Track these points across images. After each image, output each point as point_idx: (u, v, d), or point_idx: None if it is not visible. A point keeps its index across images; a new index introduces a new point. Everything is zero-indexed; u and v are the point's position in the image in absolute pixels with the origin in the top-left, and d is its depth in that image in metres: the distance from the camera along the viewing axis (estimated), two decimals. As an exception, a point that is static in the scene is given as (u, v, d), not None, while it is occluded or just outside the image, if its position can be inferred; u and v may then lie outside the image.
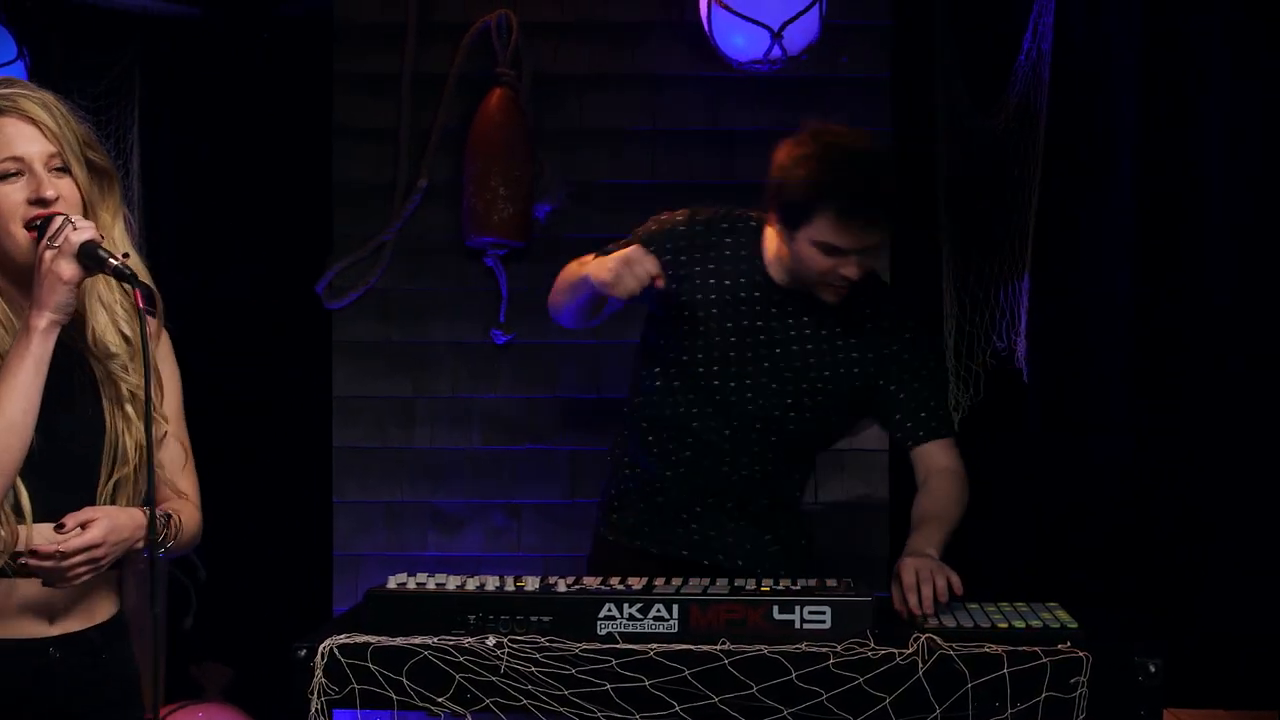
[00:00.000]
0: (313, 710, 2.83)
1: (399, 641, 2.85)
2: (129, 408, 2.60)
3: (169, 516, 2.64)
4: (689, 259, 3.47)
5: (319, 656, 2.84)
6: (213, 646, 4.80)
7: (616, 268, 3.26)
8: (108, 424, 2.59)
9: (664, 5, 4.54)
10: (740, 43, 4.17)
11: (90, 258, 2.46)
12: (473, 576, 3.04)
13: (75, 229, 2.46)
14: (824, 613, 2.86)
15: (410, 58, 4.54)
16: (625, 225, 4.47)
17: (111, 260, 2.47)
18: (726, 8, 4.12)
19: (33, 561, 2.46)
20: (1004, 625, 2.87)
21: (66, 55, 4.84)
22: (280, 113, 4.93)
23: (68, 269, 2.44)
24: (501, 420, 4.56)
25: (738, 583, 3.04)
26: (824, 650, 2.79)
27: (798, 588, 2.97)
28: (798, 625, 2.86)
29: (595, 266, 3.37)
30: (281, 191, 4.90)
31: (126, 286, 2.56)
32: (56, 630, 2.57)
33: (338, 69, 4.59)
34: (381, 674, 2.83)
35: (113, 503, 2.59)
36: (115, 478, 2.59)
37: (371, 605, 2.95)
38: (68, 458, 2.54)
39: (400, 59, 4.54)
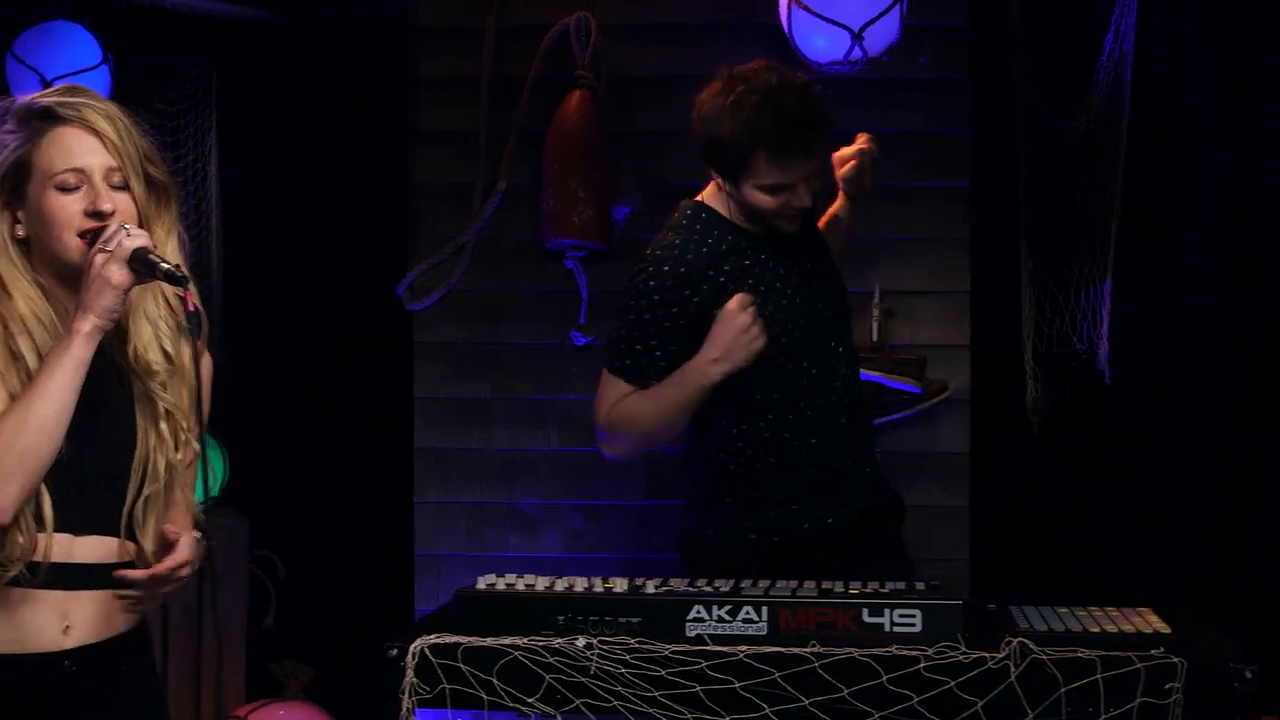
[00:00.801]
0: (404, 710, 2.85)
1: (489, 642, 2.86)
2: (163, 425, 2.57)
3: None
4: (702, 296, 3.43)
5: (410, 656, 2.85)
6: (294, 645, 4.84)
7: (744, 345, 3.33)
8: (139, 439, 2.56)
9: (741, 7, 4.54)
10: (820, 44, 4.16)
11: (142, 263, 2.44)
12: (561, 578, 3.05)
13: (129, 235, 2.45)
14: (914, 616, 2.85)
15: (489, 60, 4.55)
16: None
17: (164, 265, 2.45)
18: (807, 9, 4.11)
19: (131, 573, 2.46)
20: (1096, 630, 2.83)
21: (145, 60, 4.89)
22: (359, 115, 4.97)
23: (118, 274, 2.43)
24: (580, 421, 4.54)
25: (825, 585, 3.03)
26: (915, 653, 2.78)
27: (886, 590, 2.96)
28: (888, 628, 2.85)
29: (701, 373, 3.36)
30: (362, 194, 4.94)
31: (174, 300, 2.55)
32: (71, 642, 2.52)
33: (417, 72, 4.62)
34: (472, 674, 2.84)
35: (143, 520, 2.56)
36: (145, 494, 2.56)
37: (461, 605, 2.96)
38: (95, 469, 2.52)
39: (479, 62, 4.56)
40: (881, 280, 4.46)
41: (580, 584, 2.99)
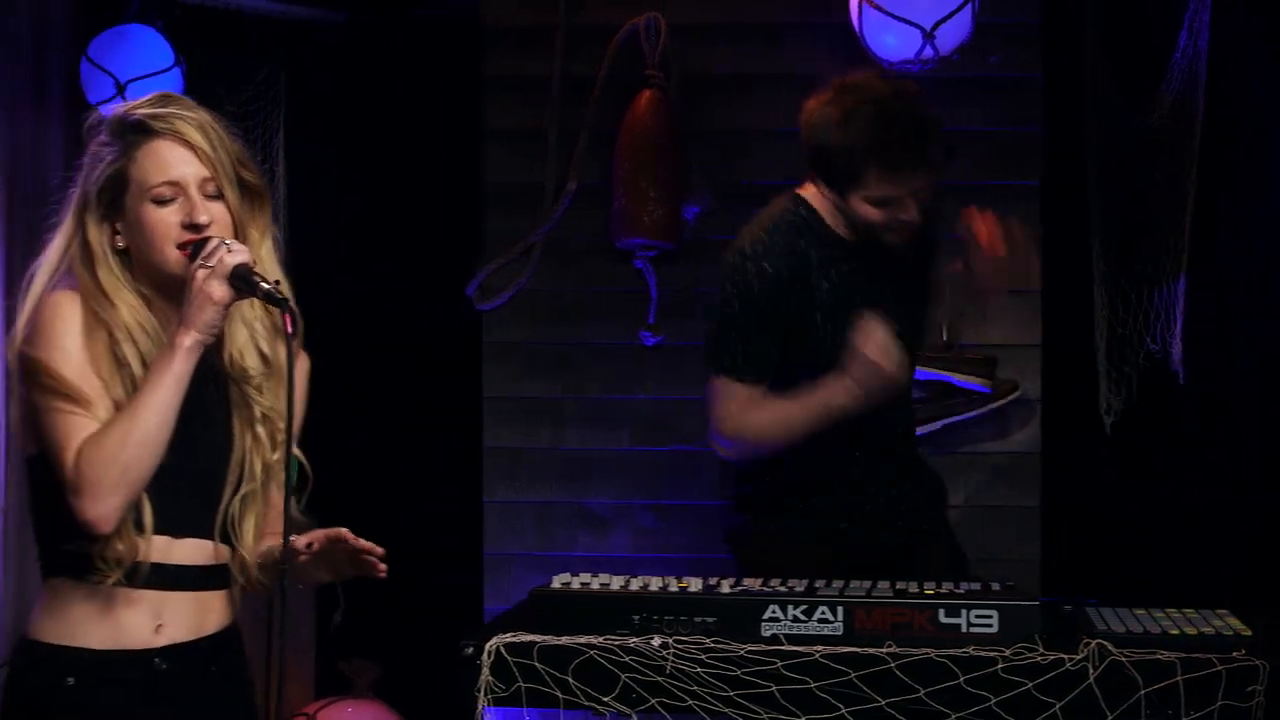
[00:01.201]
0: (479, 708, 2.86)
1: (564, 640, 2.86)
2: (260, 429, 2.61)
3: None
4: (796, 288, 3.44)
5: (485, 655, 2.87)
6: (364, 643, 4.86)
7: (887, 371, 3.29)
8: (236, 442, 2.60)
9: (811, 6, 4.53)
10: (891, 42, 4.15)
11: (242, 280, 2.47)
12: (635, 576, 3.05)
13: (230, 251, 2.47)
14: (991, 617, 2.83)
15: (559, 60, 4.57)
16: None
17: (263, 284, 2.48)
18: (878, 7, 4.09)
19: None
20: (1175, 632, 2.81)
21: (213, 62, 4.93)
22: (428, 115, 4.99)
23: (219, 290, 2.46)
24: (650, 421, 4.57)
25: (900, 585, 3.03)
26: (992, 654, 2.76)
27: (962, 591, 2.95)
28: (964, 629, 2.83)
29: (835, 406, 3.33)
30: (430, 194, 4.96)
31: (273, 309, 2.56)
32: (162, 641, 2.56)
33: (488, 72, 4.63)
34: (548, 673, 2.85)
35: (240, 520, 2.60)
36: (242, 493, 2.60)
37: (536, 604, 2.97)
38: (192, 474, 2.55)
39: (549, 62, 4.57)
40: (952, 279, 4.44)
41: (655, 583, 3.00)
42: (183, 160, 2.54)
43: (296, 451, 2.65)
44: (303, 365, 2.70)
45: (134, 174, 2.54)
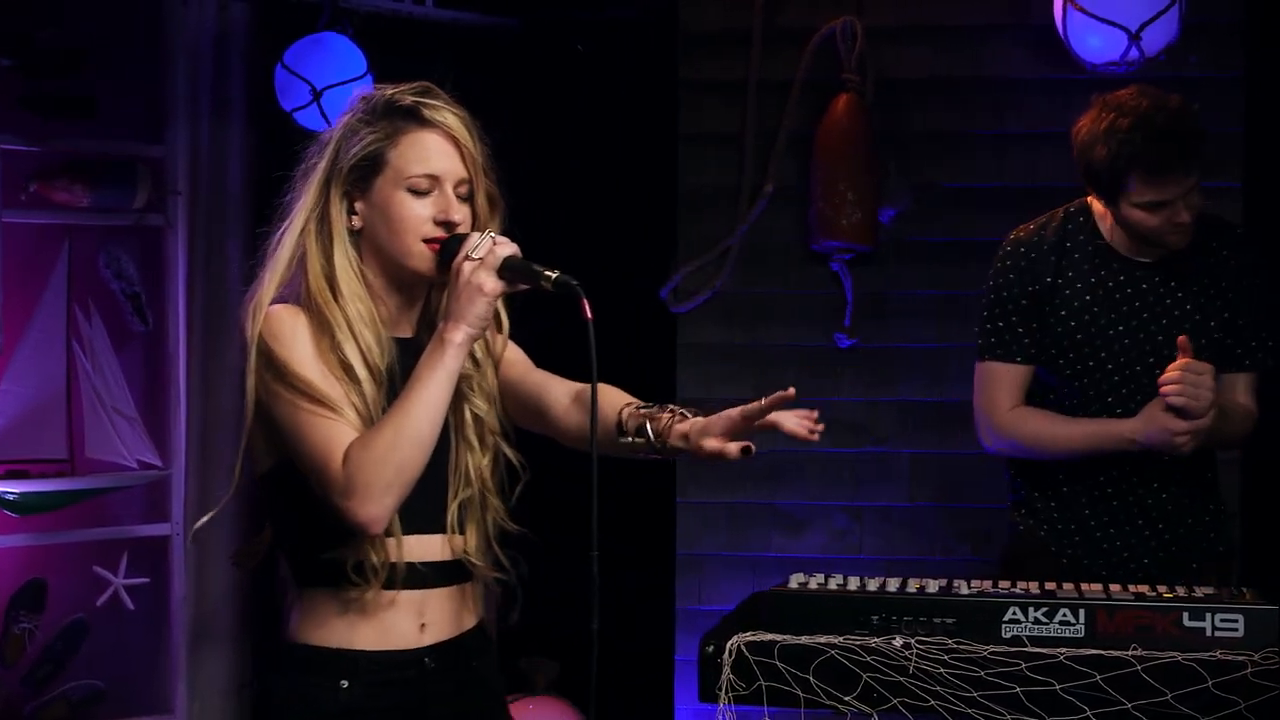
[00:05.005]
0: (720, 705, 2.89)
1: (804, 640, 2.88)
2: (470, 432, 2.59)
3: None
4: (1050, 278, 3.50)
5: (726, 653, 2.89)
6: (543, 640, 4.88)
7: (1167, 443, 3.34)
8: (452, 444, 2.57)
9: (1009, 8, 4.51)
10: (1096, 44, 4.12)
11: (514, 271, 2.44)
12: (871, 578, 3.06)
13: (496, 243, 2.45)
14: (1236, 621, 2.81)
15: (756, 64, 4.58)
16: (971, 229, 4.51)
17: (550, 272, 2.43)
18: (1083, 10, 4.07)
19: None
20: None
21: (386, 66, 4.99)
22: (619, 119, 5.01)
23: (489, 282, 2.42)
24: (843, 423, 4.57)
25: (1135, 588, 3.02)
26: (1241, 659, 2.75)
27: (1200, 595, 2.93)
28: (1209, 633, 2.82)
29: (1121, 439, 3.42)
30: (623, 198, 4.99)
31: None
32: (429, 639, 2.57)
33: (683, 76, 4.66)
34: (789, 672, 2.87)
35: (460, 526, 2.57)
36: (459, 499, 2.58)
37: (772, 604, 2.98)
38: (424, 474, 2.48)
39: (746, 65, 4.59)
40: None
41: (892, 584, 3.01)
42: (446, 155, 2.52)
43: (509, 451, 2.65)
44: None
45: (393, 158, 2.50)
